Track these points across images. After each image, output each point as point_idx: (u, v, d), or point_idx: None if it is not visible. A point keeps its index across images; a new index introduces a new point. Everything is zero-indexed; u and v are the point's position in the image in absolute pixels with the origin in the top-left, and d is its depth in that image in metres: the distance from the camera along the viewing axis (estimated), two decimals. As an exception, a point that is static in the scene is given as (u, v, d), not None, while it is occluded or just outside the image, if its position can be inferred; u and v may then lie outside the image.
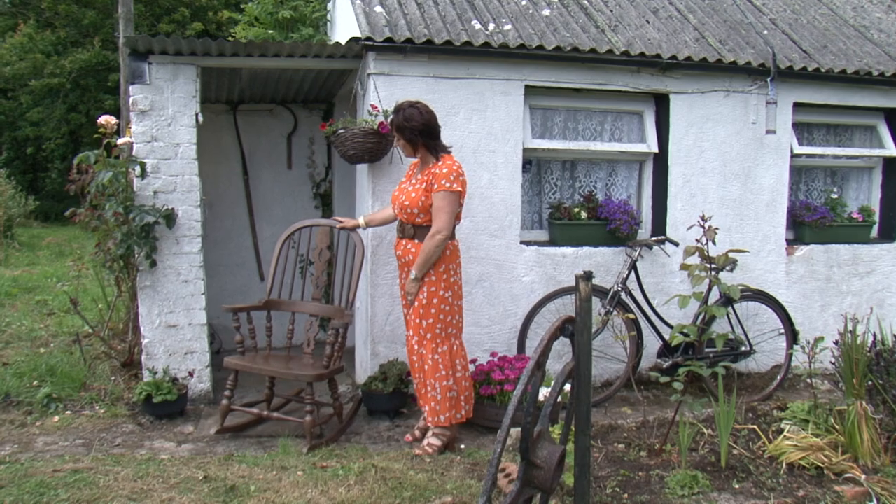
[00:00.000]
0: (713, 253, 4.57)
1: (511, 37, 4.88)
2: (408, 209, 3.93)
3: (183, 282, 4.67)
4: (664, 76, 5.20)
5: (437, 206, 3.82)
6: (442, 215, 3.82)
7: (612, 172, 5.49)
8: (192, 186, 4.65)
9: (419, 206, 3.89)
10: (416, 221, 3.93)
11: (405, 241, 4.00)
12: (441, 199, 3.82)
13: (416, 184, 3.94)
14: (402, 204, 3.96)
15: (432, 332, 3.93)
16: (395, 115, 3.92)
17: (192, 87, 4.62)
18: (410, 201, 3.92)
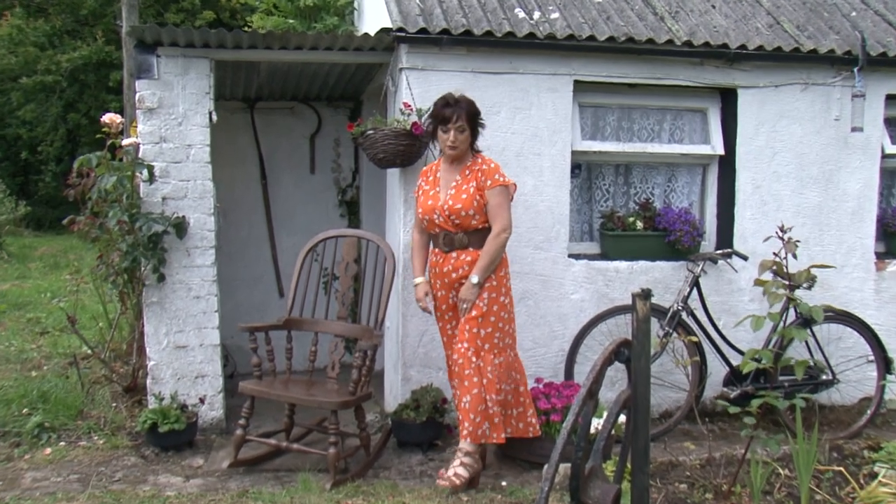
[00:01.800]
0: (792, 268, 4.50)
1: (559, 26, 4.95)
2: (461, 213, 3.98)
3: (194, 298, 4.79)
4: (731, 68, 5.22)
5: (496, 202, 3.96)
6: (503, 212, 3.98)
7: (671, 178, 5.51)
8: (204, 192, 4.78)
9: (475, 207, 3.96)
10: (471, 225, 4.00)
11: (456, 253, 4.05)
12: (498, 194, 3.98)
13: (460, 184, 4.02)
14: (451, 209, 3.99)
15: (490, 342, 4.02)
16: (455, 107, 4.00)
17: (205, 82, 4.76)
18: (464, 203, 3.97)
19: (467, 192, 3.97)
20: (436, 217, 4.04)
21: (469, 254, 4.01)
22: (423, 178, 4.21)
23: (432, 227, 4.07)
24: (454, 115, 3.97)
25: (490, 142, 4.88)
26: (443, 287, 4.12)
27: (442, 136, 4.02)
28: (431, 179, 4.14)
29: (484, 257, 3.96)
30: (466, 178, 4.01)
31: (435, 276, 4.13)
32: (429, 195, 4.10)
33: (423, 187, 4.17)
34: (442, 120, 4.00)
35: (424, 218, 4.09)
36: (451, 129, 3.98)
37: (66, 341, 6.89)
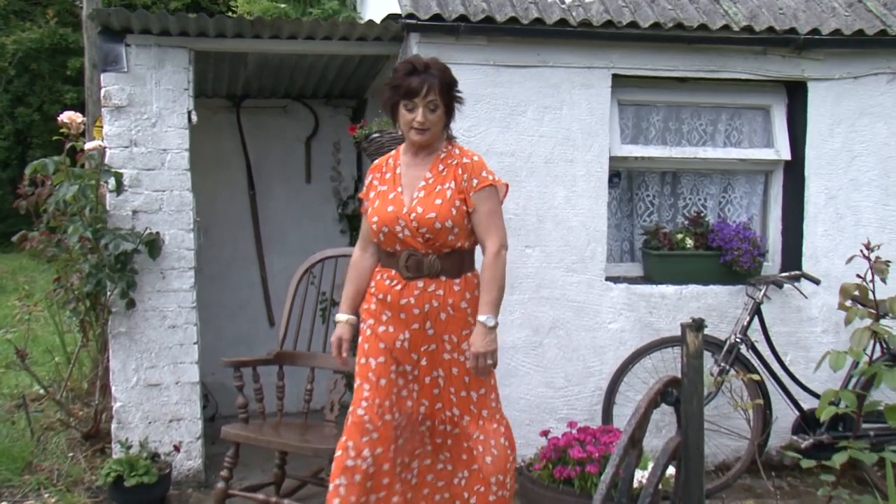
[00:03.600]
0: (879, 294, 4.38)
1: (595, 11, 5.02)
2: (435, 225, 3.38)
3: (169, 327, 4.85)
4: (800, 57, 5.26)
5: (488, 209, 3.42)
6: (498, 221, 3.46)
7: (727, 187, 5.55)
8: (182, 205, 4.85)
9: (453, 218, 3.39)
10: (447, 244, 3.42)
11: (423, 282, 3.44)
12: (489, 198, 3.42)
13: (432, 183, 3.44)
14: (421, 220, 3.39)
15: (488, 407, 3.56)
16: (425, 75, 3.37)
17: (183, 76, 4.84)
18: (440, 212, 3.38)
19: (443, 196, 3.39)
20: (399, 229, 3.41)
21: (441, 285, 3.42)
22: (375, 175, 3.59)
23: (391, 244, 3.47)
24: (423, 85, 3.33)
25: (514, 146, 4.94)
26: (395, 323, 3.47)
27: (405, 114, 3.39)
28: (389, 177, 3.52)
29: (492, 288, 3.40)
30: (441, 176, 3.44)
31: (383, 306, 3.49)
32: (387, 198, 3.47)
33: (378, 187, 3.54)
34: (406, 93, 3.35)
35: (382, 230, 3.44)
36: (420, 106, 3.35)
37: (13, 380, 6.86)
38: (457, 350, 3.47)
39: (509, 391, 5.02)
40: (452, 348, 3.47)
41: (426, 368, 3.50)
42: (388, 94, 3.43)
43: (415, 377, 3.50)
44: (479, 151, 4.76)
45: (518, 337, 5.05)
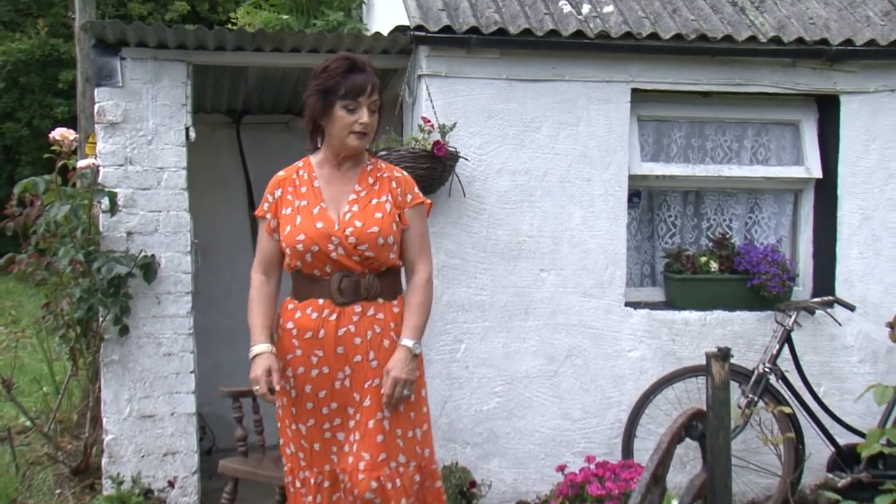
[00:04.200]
0: None
1: (613, 22, 5.04)
2: (378, 241, 3.23)
3: (165, 355, 4.86)
4: (832, 70, 5.26)
5: (421, 229, 3.37)
6: (427, 244, 3.40)
7: (753, 207, 5.55)
8: (179, 226, 4.88)
9: (394, 234, 3.27)
10: (387, 262, 3.30)
11: (362, 306, 3.27)
12: (421, 216, 3.39)
13: (366, 196, 3.29)
14: (362, 235, 3.21)
15: (430, 446, 3.40)
16: (368, 74, 3.24)
17: (180, 91, 4.87)
18: (383, 227, 3.24)
19: (382, 210, 3.26)
20: (331, 248, 3.22)
21: (381, 308, 3.28)
22: (285, 188, 3.35)
23: (319, 266, 3.25)
24: (368, 84, 3.19)
25: (528, 165, 4.96)
26: (331, 362, 3.26)
27: (344, 116, 3.19)
28: (307, 191, 3.31)
29: (421, 313, 3.30)
30: (373, 189, 3.30)
31: (312, 345, 3.26)
32: (310, 214, 3.25)
33: (294, 202, 3.30)
34: (349, 91, 3.17)
35: (310, 249, 3.22)
36: (364, 106, 3.20)
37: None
38: None
39: (523, 423, 5.02)
40: None
41: (370, 410, 3.23)
42: (319, 96, 3.19)
43: (357, 423, 3.24)
44: (491, 170, 4.87)
45: (532, 366, 5.04)
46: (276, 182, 3.39)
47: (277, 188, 3.37)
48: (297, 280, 3.34)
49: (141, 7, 17.98)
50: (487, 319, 5.00)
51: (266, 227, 3.37)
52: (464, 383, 4.99)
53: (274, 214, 3.34)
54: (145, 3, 18.21)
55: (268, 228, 3.36)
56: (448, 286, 4.91)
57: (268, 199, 3.37)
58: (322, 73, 3.24)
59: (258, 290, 3.40)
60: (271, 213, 3.35)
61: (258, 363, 3.24)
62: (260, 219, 3.40)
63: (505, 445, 5.04)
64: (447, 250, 4.91)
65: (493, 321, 5.00)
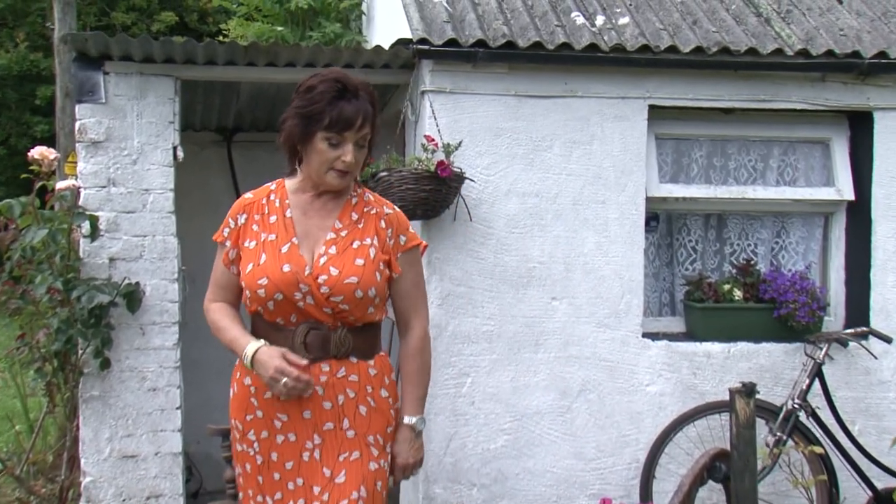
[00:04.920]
0: None
1: (629, 35, 5.05)
2: (354, 295, 2.87)
3: (149, 390, 4.84)
4: (865, 84, 5.25)
5: (416, 277, 3.09)
6: (423, 295, 3.14)
7: (780, 231, 5.54)
8: (166, 251, 4.88)
9: (377, 286, 2.92)
10: (365, 318, 2.95)
11: (330, 365, 2.91)
12: (417, 262, 3.11)
13: (347, 236, 2.96)
14: (337, 285, 2.86)
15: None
16: (359, 102, 2.88)
17: (168, 108, 4.88)
18: (364, 276, 2.88)
19: (364, 255, 2.92)
20: (298, 297, 2.86)
21: (354, 369, 2.93)
22: (251, 215, 3.00)
23: (283, 314, 2.91)
24: (358, 116, 2.85)
25: (539, 186, 4.95)
26: (298, 428, 2.93)
27: (325, 151, 2.86)
28: (276, 221, 2.96)
29: (422, 382, 3.06)
30: (356, 228, 2.97)
31: (274, 407, 2.93)
32: (277, 252, 2.90)
33: (260, 235, 2.95)
34: (334, 123, 2.83)
35: (273, 296, 2.86)
36: (350, 142, 2.86)
37: (-35, 452, 6.81)
38: (384, 456, 2.98)
39: (533, 463, 4.99)
40: (379, 453, 2.96)
41: (343, 490, 2.89)
42: (299, 121, 2.84)
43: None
44: (499, 192, 4.86)
45: (543, 401, 5.02)
46: (241, 206, 3.03)
47: (241, 213, 3.00)
48: (256, 325, 2.99)
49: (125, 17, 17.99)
50: (495, 351, 4.98)
51: (224, 256, 3.00)
52: (470, 420, 4.96)
53: (234, 243, 2.98)
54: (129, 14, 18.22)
55: (226, 259, 3.00)
56: (453, 316, 4.89)
57: (229, 224, 3.01)
58: (305, 93, 2.86)
59: (221, 311, 3.04)
60: (231, 241, 2.99)
61: (265, 356, 2.84)
62: (219, 245, 3.04)
63: (514, 487, 5.00)
64: (452, 277, 4.89)
65: (501, 353, 4.98)
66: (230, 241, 3.00)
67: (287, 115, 2.92)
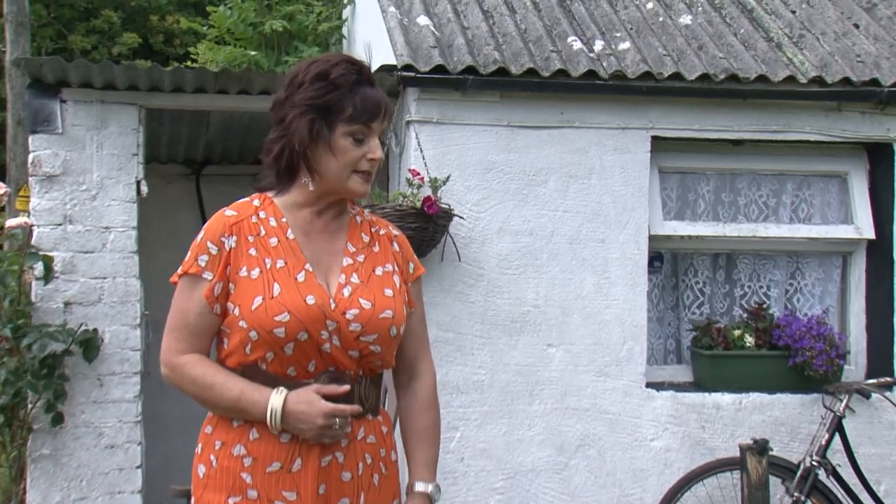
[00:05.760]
0: None
1: (630, 61, 5.05)
2: (389, 333, 2.55)
3: (106, 448, 4.77)
4: (884, 114, 5.27)
5: (422, 314, 2.79)
6: (427, 333, 2.85)
7: (795, 272, 5.53)
8: (127, 295, 4.84)
9: (405, 323, 2.64)
10: (389, 363, 2.66)
11: (354, 424, 2.52)
12: (421, 295, 2.80)
13: (365, 260, 2.62)
14: (369, 323, 2.50)
15: None
16: (380, 92, 2.58)
17: (131, 139, 4.86)
18: (396, 311, 2.57)
19: (391, 284, 2.60)
20: (324, 335, 2.46)
21: (371, 428, 2.59)
22: (242, 236, 2.52)
23: (297, 362, 2.47)
24: (383, 105, 2.56)
25: (533, 224, 4.93)
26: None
27: (347, 148, 2.50)
28: (278, 244, 2.53)
29: (435, 438, 2.72)
30: (372, 252, 2.65)
31: (278, 483, 2.47)
32: (292, 280, 2.48)
33: (264, 260, 2.50)
34: (362, 112, 2.49)
35: (293, 339, 2.43)
36: (376, 135, 2.56)
37: None
38: None
39: (529, 527, 4.94)
40: None
41: None
42: (313, 115, 2.48)
43: None
44: (490, 230, 4.84)
45: (539, 457, 4.97)
46: (224, 226, 2.52)
47: (228, 235, 2.50)
48: (259, 379, 2.50)
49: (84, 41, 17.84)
50: (486, 403, 4.93)
51: (205, 292, 2.47)
52: (459, 478, 4.90)
53: (221, 274, 2.48)
54: (89, 37, 18.11)
55: (208, 295, 2.47)
56: (440, 364, 4.82)
57: (207, 251, 2.48)
58: (317, 80, 2.48)
59: (204, 364, 2.53)
60: (216, 271, 2.48)
61: (302, 403, 2.41)
62: (190, 278, 2.50)
63: (507, 552, 4.95)
64: (440, 322, 4.85)
65: (492, 405, 4.94)
66: (213, 272, 2.48)
67: (288, 111, 2.50)
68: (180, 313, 2.54)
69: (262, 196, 2.63)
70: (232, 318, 2.48)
